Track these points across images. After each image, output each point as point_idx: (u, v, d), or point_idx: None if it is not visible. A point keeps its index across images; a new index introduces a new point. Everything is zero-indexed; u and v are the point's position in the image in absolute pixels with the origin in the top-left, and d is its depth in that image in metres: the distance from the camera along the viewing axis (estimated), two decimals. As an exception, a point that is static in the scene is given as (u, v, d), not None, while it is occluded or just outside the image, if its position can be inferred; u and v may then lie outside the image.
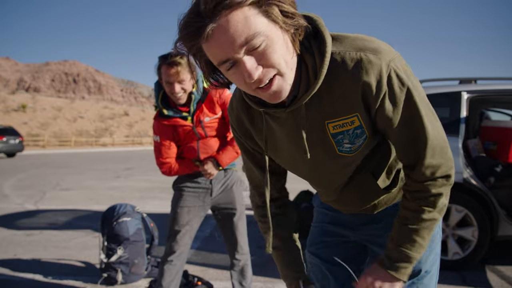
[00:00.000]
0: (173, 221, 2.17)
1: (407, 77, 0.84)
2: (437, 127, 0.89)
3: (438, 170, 0.90)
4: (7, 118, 46.03)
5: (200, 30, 0.73)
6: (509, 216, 3.17)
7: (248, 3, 0.72)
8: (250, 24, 0.73)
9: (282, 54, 0.78)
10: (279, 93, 0.81)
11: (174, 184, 2.26)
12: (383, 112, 0.86)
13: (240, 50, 0.74)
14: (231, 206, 2.20)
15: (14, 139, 19.59)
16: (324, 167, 1.00)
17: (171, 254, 2.14)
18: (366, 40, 0.85)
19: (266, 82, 0.79)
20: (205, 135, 2.12)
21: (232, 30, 0.72)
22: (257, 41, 0.74)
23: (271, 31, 0.75)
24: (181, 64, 1.90)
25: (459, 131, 3.26)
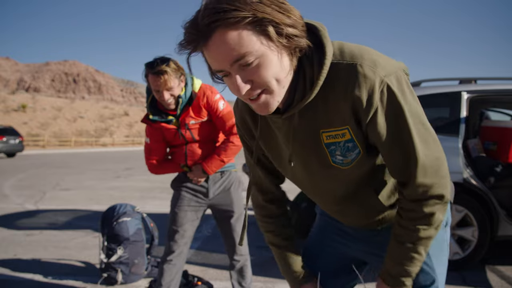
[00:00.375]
0: (171, 221, 2.18)
1: (401, 94, 0.82)
2: (430, 146, 0.86)
3: (430, 190, 0.88)
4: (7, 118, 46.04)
5: (196, 43, 0.77)
6: (509, 216, 3.17)
7: (243, 23, 0.74)
8: (242, 43, 0.75)
9: (274, 73, 0.80)
10: (265, 107, 0.84)
11: (173, 184, 2.27)
12: (373, 128, 0.85)
13: (231, 66, 0.78)
14: (229, 208, 2.20)
15: (14, 139, 19.58)
16: (319, 177, 0.99)
17: (170, 254, 2.15)
18: (367, 53, 0.84)
19: (254, 96, 0.82)
20: (193, 139, 2.12)
21: (224, 47, 0.75)
22: (248, 60, 0.76)
23: (265, 50, 0.77)
24: (167, 72, 1.91)
25: (459, 131, 3.26)
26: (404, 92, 0.83)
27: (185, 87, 2.07)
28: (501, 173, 3.47)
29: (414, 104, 0.85)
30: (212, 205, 2.22)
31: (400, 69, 0.86)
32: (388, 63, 0.84)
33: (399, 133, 0.84)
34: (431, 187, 0.87)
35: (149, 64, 1.94)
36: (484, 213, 3.15)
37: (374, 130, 0.85)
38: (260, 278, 3.04)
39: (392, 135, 0.85)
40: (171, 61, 1.95)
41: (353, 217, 1.08)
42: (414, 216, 0.90)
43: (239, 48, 0.75)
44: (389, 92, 0.82)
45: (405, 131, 0.84)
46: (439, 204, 0.89)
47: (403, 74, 0.85)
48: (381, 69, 0.81)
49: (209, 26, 0.74)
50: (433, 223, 0.90)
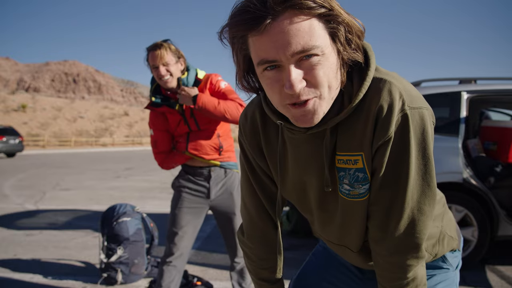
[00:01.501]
0: (171, 223, 2.15)
1: (415, 133, 0.75)
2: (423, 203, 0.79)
3: (402, 248, 0.81)
4: (7, 118, 46.04)
5: (259, 20, 0.66)
6: (509, 216, 3.18)
7: (318, 12, 0.67)
8: (313, 34, 0.67)
9: (329, 78, 0.71)
10: (311, 116, 0.73)
11: (173, 184, 2.24)
12: (377, 159, 0.78)
13: (291, 57, 0.68)
14: (231, 209, 2.17)
15: (14, 139, 19.58)
16: (328, 204, 0.89)
17: (170, 255, 2.12)
18: (400, 78, 0.78)
19: (302, 100, 0.71)
20: (197, 127, 2.09)
21: (293, 33, 0.66)
22: (312, 55, 0.68)
23: (329, 50, 0.70)
24: (164, 47, 1.97)
25: (459, 131, 3.26)
26: (422, 133, 0.75)
27: (188, 72, 2.09)
28: (501, 173, 3.47)
29: (427, 152, 0.76)
30: (213, 206, 2.19)
31: (429, 111, 0.77)
32: (420, 97, 0.77)
33: (396, 175, 0.77)
34: (408, 249, 0.81)
35: (149, 46, 2.02)
36: (484, 213, 3.16)
37: (375, 161, 0.78)
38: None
39: (386, 175, 0.78)
40: (170, 41, 2.02)
41: (355, 262, 1.00)
42: (395, 284, 0.84)
43: (308, 38, 0.67)
44: (404, 123, 0.74)
45: (402, 177, 0.77)
46: (418, 265, 0.83)
47: (429, 116, 0.77)
48: (408, 96, 0.74)
49: (283, 4, 0.65)
50: (418, 285, 0.84)
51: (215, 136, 2.12)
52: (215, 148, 2.12)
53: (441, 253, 0.98)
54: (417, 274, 0.84)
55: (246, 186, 1.02)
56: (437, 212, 0.97)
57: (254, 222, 1.03)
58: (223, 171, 2.17)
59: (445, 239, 0.97)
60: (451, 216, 1.03)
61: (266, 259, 1.05)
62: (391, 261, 0.83)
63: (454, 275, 1.01)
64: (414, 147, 0.75)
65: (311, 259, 1.18)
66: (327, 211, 0.91)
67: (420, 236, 0.80)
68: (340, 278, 1.09)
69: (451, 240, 0.99)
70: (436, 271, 0.99)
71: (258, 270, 1.08)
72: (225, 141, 2.16)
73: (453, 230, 1.01)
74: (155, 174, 11.59)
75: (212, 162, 2.12)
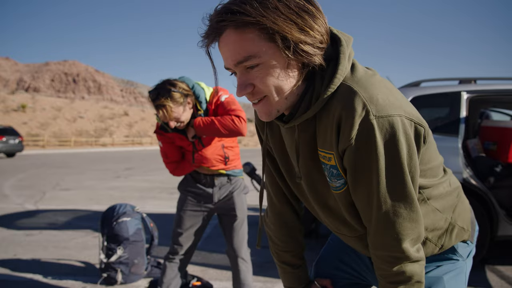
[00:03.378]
0: (176, 223, 2.22)
1: (382, 141, 0.76)
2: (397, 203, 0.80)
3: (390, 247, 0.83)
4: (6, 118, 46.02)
5: (210, 37, 0.79)
6: (508, 216, 3.18)
7: (251, 27, 0.75)
8: (246, 46, 0.76)
9: (275, 82, 0.79)
10: (264, 113, 0.84)
11: (179, 187, 2.30)
12: (345, 161, 0.82)
13: (235, 67, 0.80)
14: (232, 212, 2.20)
15: (14, 139, 19.57)
16: (319, 193, 0.95)
17: (173, 254, 2.21)
18: (373, 86, 0.79)
19: (254, 101, 0.83)
20: (202, 146, 2.13)
21: (232, 46, 0.77)
22: (250, 63, 0.77)
23: (269, 58, 0.77)
24: (165, 107, 1.92)
25: (459, 131, 3.26)
26: (392, 141, 0.77)
27: (200, 105, 2.07)
28: (501, 173, 3.48)
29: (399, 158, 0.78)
30: (217, 210, 2.24)
31: (406, 116, 0.78)
32: (390, 104, 0.77)
33: (367, 180, 0.80)
34: (389, 246, 0.83)
35: (151, 95, 1.96)
36: (484, 213, 3.16)
37: (344, 161, 0.82)
38: (260, 278, 3.04)
39: (357, 177, 0.81)
40: (172, 90, 1.93)
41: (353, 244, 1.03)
42: (384, 274, 0.87)
43: (242, 50, 0.76)
44: (370, 134, 0.76)
45: (373, 182, 0.79)
46: (404, 262, 0.84)
47: (406, 122, 0.78)
48: (374, 106, 0.76)
49: (218, 24, 0.76)
50: (409, 280, 0.85)
51: (220, 148, 2.15)
52: (220, 160, 2.16)
53: (449, 245, 0.98)
54: (406, 270, 0.84)
55: (266, 171, 1.10)
56: (448, 204, 0.97)
57: (274, 204, 1.12)
58: (227, 178, 2.21)
59: (454, 230, 0.97)
60: (466, 207, 1.03)
61: (286, 241, 1.12)
62: (375, 253, 0.87)
63: (463, 265, 1.01)
64: (382, 155, 0.77)
65: (329, 243, 1.24)
66: (320, 200, 0.97)
67: (400, 236, 0.82)
68: (355, 261, 1.14)
69: (461, 232, 0.99)
70: (443, 262, 0.99)
71: (280, 253, 1.14)
72: (230, 151, 2.19)
73: (466, 221, 1.01)
74: (155, 174, 11.60)
75: (218, 172, 2.17)
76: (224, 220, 2.24)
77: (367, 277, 1.13)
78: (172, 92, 1.92)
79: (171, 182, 9.36)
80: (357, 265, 1.14)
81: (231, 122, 1.99)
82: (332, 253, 1.20)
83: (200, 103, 2.07)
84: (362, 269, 1.13)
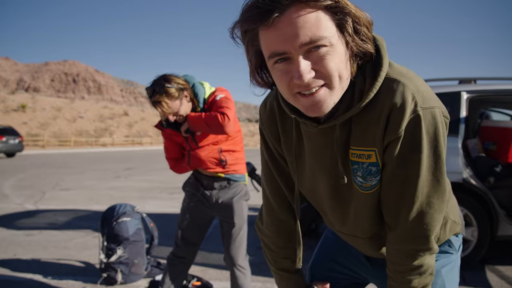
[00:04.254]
0: (178, 224, 2.25)
1: (427, 133, 0.78)
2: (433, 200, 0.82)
3: (415, 241, 0.84)
4: (6, 118, 46.02)
5: (267, 14, 0.68)
6: (508, 216, 3.18)
7: (324, 4, 0.69)
8: (320, 25, 0.69)
9: (339, 68, 0.73)
10: (320, 105, 0.75)
11: (183, 187, 2.32)
12: (387, 152, 0.81)
13: (299, 48, 0.70)
14: (230, 218, 2.18)
15: (14, 139, 19.57)
16: (342, 196, 0.92)
17: (176, 254, 2.22)
18: (415, 77, 0.80)
19: (312, 90, 0.73)
20: (196, 145, 2.14)
21: (300, 24, 0.68)
22: (320, 45, 0.70)
23: (338, 41, 0.72)
24: (161, 103, 1.93)
25: (459, 131, 3.26)
26: (434, 132, 0.78)
27: (197, 100, 2.10)
28: (501, 173, 3.48)
29: (439, 149, 0.80)
30: (216, 213, 2.24)
31: (442, 109, 0.80)
32: (432, 96, 0.79)
33: (407, 171, 0.80)
34: (416, 239, 0.84)
35: (147, 91, 1.98)
36: (484, 213, 3.16)
37: (386, 155, 0.81)
38: (259, 278, 3.04)
39: (397, 170, 0.81)
40: (167, 86, 1.94)
41: (365, 250, 1.03)
42: (401, 269, 0.87)
43: (315, 30, 0.69)
44: (416, 125, 0.77)
45: (413, 172, 0.80)
46: (425, 255, 0.85)
47: (441, 115, 0.80)
48: (420, 98, 0.77)
49: None
50: (424, 272, 0.86)
51: (215, 152, 2.15)
52: (215, 162, 2.15)
53: (443, 238, 1.00)
54: (424, 263, 0.86)
55: (266, 175, 1.05)
56: None
57: (273, 210, 1.06)
58: (226, 182, 2.20)
59: (448, 223, 1.00)
60: (454, 202, 1.06)
61: (285, 247, 1.07)
62: (399, 248, 0.87)
63: (456, 258, 1.04)
64: (426, 145, 0.78)
65: (321, 244, 1.22)
66: (340, 202, 0.94)
67: (428, 227, 0.83)
68: (351, 261, 1.14)
69: (454, 225, 1.02)
70: (440, 255, 1.01)
71: (278, 260, 1.09)
72: (229, 156, 2.18)
73: (456, 214, 1.04)
74: (155, 174, 11.60)
75: (217, 174, 2.18)
76: (223, 226, 2.24)
77: (363, 275, 1.13)
78: (166, 88, 1.94)
79: (171, 182, 9.36)
80: (352, 264, 1.14)
81: (214, 118, 2.00)
82: (325, 255, 1.19)
83: (198, 102, 2.10)
84: (357, 267, 1.13)
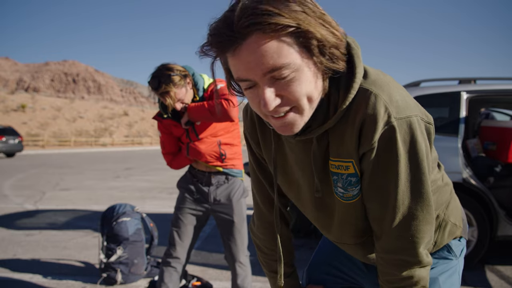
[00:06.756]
0: (172, 223, 2.20)
1: (404, 143, 0.75)
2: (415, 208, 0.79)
3: (403, 252, 0.82)
4: (6, 118, 46.01)
5: (228, 44, 0.68)
6: (508, 216, 3.18)
7: (285, 32, 0.66)
8: (281, 52, 0.67)
9: (308, 91, 0.72)
10: (290, 127, 0.76)
11: (178, 184, 2.28)
12: (364, 164, 0.80)
13: (263, 76, 0.69)
14: (229, 216, 2.17)
15: (14, 139, 19.56)
16: (325, 206, 0.92)
17: (170, 255, 2.18)
18: (389, 86, 0.77)
19: (281, 113, 0.74)
20: (196, 137, 2.12)
21: (261, 53, 0.67)
22: (284, 73, 0.68)
23: (302, 65, 0.70)
24: (169, 93, 1.95)
25: (459, 131, 3.26)
26: (411, 141, 0.76)
27: (197, 93, 2.10)
28: (501, 173, 3.48)
29: (418, 159, 0.77)
30: (213, 211, 2.20)
31: (421, 116, 0.78)
32: (407, 105, 0.76)
33: (385, 182, 0.79)
34: (403, 250, 0.82)
35: (152, 84, 1.97)
36: (484, 213, 3.16)
37: (363, 166, 0.80)
38: (260, 278, 3.04)
39: (376, 181, 0.80)
40: (172, 75, 1.95)
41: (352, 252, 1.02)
42: (390, 279, 0.85)
43: (277, 58, 0.67)
44: (391, 136, 0.75)
45: (391, 184, 0.78)
46: (414, 267, 0.83)
47: (421, 122, 0.78)
48: (394, 108, 0.74)
49: (248, 28, 0.65)
50: (415, 284, 0.83)
51: (215, 145, 2.14)
52: (215, 156, 2.13)
53: (442, 241, 0.97)
54: (414, 274, 0.83)
55: (254, 178, 1.06)
56: (442, 200, 0.97)
57: (263, 213, 1.07)
58: (225, 177, 2.17)
59: (447, 226, 0.97)
60: (457, 204, 1.03)
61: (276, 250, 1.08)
62: (385, 257, 0.85)
63: (457, 263, 1.00)
64: (403, 156, 0.76)
65: (319, 247, 1.22)
66: (324, 212, 0.94)
67: (414, 239, 0.81)
68: (347, 265, 1.13)
69: (454, 228, 0.98)
70: (438, 261, 0.98)
71: (269, 262, 1.10)
72: (228, 149, 2.17)
73: (457, 217, 1.00)
74: (155, 174, 11.59)
75: (215, 168, 2.15)
76: (221, 225, 2.20)
77: (360, 281, 1.12)
78: (172, 76, 1.95)
79: (171, 182, 9.36)
80: (349, 269, 1.13)
81: (219, 105, 1.99)
82: (323, 258, 1.18)
83: (198, 90, 2.10)
84: (355, 272, 1.12)
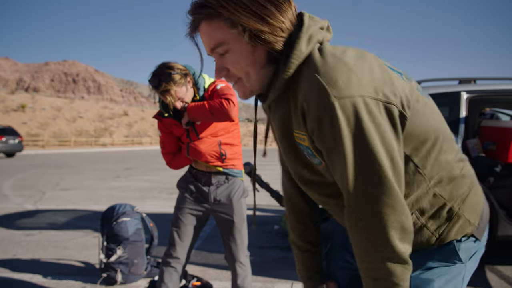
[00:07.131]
0: (172, 223, 2.19)
1: (347, 121, 0.76)
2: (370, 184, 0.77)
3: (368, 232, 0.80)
4: (6, 118, 45.99)
5: (191, 29, 0.91)
6: (508, 216, 3.18)
7: (217, 18, 0.85)
8: (216, 34, 0.87)
9: (243, 65, 0.88)
10: (240, 93, 0.94)
11: (178, 184, 2.28)
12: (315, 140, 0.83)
13: (211, 52, 0.91)
14: (229, 217, 2.16)
15: (14, 139, 19.56)
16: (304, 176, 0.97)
17: (169, 255, 2.17)
18: (337, 68, 0.78)
19: (231, 83, 0.94)
20: (197, 137, 2.12)
21: (205, 35, 0.89)
22: (220, 50, 0.88)
23: (236, 43, 0.87)
24: (170, 91, 1.96)
25: (459, 131, 3.26)
26: (356, 122, 0.76)
27: (198, 92, 2.10)
28: (501, 173, 3.47)
29: (366, 140, 0.76)
30: (213, 211, 2.19)
31: (373, 96, 0.77)
32: (353, 86, 0.76)
33: (337, 160, 0.80)
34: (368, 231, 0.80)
35: (152, 82, 1.97)
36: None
37: (316, 143, 0.84)
38: (260, 278, 3.04)
39: (329, 160, 0.83)
40: (172, 73, 1.95)
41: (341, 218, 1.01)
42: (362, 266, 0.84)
43: (213, 39, 0.87)
44: (332, 115, 0.76)
45: (342, 163, 0.79)
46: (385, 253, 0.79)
47: (371, 102, 0.77)
48: (333, 89, 0.76)
49: (194, 17, 0.88)
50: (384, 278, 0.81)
51: (215, 145, 2.13)
52: (216, 156, 2.13)
53: (448, 236, 0.90)
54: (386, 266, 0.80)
55: (280, 155, 1.13)
56: (458, 192, 0.90)
57: (284, 185, 1.18)
58: (225, 177, 2.17)
59: (459, 221, 0.90)
60: (479, 201, 0.95)
61: (293, 222, 1.17)
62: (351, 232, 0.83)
63: (462, 268, 0.94)
64: (347, 136, 0.76)
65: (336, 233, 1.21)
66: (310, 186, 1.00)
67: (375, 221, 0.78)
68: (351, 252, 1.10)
69: (465, 224, 0.90)
70: (438, 264, 0.91)
71: (289, 230, 1.19)
72: (228, 149, 2.16)
73: (474, 215, 0.93)
74: (155, 174, 11.59)
75: (215, 168, 2.14)
76: (221, 225, 2.20)
77: None
78: (172, 75, 1.96)
79: (171, 182, 9.36)
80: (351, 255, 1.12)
81: (219, 104, 1.99)
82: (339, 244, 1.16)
83: (198, 90, 2.11)
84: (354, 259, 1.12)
